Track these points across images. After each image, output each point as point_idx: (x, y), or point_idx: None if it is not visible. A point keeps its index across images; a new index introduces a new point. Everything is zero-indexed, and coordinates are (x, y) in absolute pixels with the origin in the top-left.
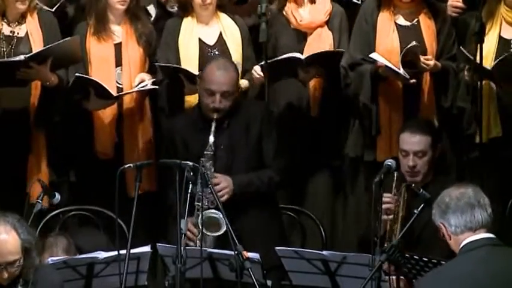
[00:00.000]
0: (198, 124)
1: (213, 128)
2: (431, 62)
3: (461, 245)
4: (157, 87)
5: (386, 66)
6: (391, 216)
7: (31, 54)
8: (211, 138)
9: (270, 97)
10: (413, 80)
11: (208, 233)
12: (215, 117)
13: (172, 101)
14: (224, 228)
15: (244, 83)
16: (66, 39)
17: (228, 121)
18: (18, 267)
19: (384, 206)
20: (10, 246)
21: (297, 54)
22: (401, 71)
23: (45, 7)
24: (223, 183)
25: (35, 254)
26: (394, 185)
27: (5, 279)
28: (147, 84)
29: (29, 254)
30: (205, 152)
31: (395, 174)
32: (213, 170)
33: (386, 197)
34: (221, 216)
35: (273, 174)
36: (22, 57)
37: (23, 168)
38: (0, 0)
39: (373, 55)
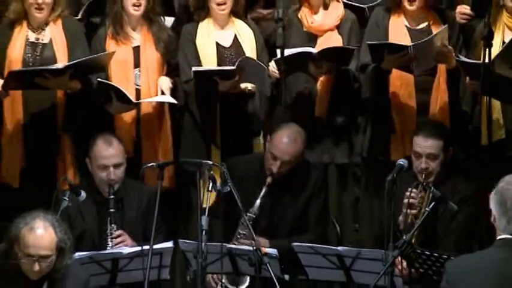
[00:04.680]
0: (255, 178)
1: (262, 193)
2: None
3: (498, 237)
4: (174, 101)
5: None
6: (414, 211)
7: (67, 64)
8: (258, 201)
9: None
10: None
11: (231, 287)
12: (269, 181)
13: (200, 101)
14: (246, 284)
15: (252, 85)
16: (101, 54)
17: (280, 185)
18: (50, 264)
19: (406, 201)
20: (46, 241)
21: (310, 49)
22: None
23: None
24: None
25: (67, 255)
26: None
27: (36, 272)
28: (166, 96)
29: (62, 253)
30: (248, 214)
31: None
32: (250, 230)
33: (411, 192)
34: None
35: (313, 239)
36: (60, 65)
37: (52, 169)
38: (22, 9)
39: (286, 51)
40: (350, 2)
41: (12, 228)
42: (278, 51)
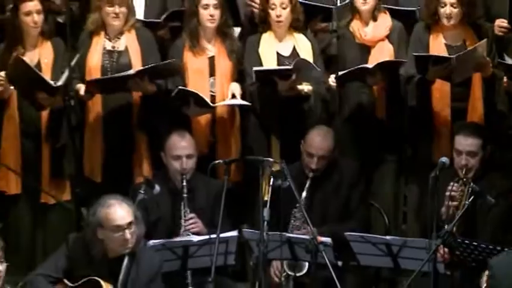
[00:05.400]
0: (297, 179)
1: (307, 185)
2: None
3: None
4: (246, 103)
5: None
6: (455, 203)
7: (140, 69)
8: (304, 194)
9: (341, 99)
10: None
11: (291, 273)
12: (311, 175)
13: (263, 102)
14: (305, 270)
15: (308, 88)
16: (169, 61)
17: (322, 180)
18: (134, 232)
19: (448, 194)
20: (125, 210)
21: (366, 65)
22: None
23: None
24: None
25: (140, 228)
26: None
27: (128, 240)
28: (238, 99)
29: (138, 223)
30: (297, 205)
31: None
32: (302, 220)
33: (453, 186)
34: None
35: (356, 226)
36: (132, 71)
37: (128, 165)
38: (100, 19)
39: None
40: (398, 8)
41: (90, 219)
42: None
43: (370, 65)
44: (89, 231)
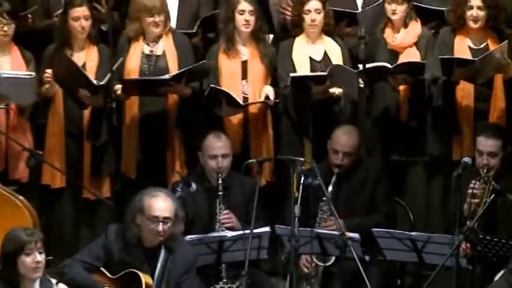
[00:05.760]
0: (324, 176)
1: (333, 180)
2: None
3: None
4: (276, 100)
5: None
6: (476, 200)
7: (174, 74)
8: (330, 188)
9: (369, 101)
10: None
11: (320, 263)
12: (336, 171)
13: (296, 103)
14: (332, 261)
15: (338, 90)
16: (201, 62)
17: (348, 176)
18: (169, 228)
19: (469, 192)
20: (167, 206)
21: (386, 64)
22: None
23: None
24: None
25: (180, 225)
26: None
27: (159, 232)
28: (269, 100)
29: (177, 222)
30: (323, 198)
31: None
32: (329, 213)
33: (475, 184)
34: None
35: (381, 219)
36: (167, 76)
37: (161, 163)
38: (140, 28)
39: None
40: (428, 6)
41: (133, 203)
42: (360, 66)
43: (390, 65)
44: (129, 215)
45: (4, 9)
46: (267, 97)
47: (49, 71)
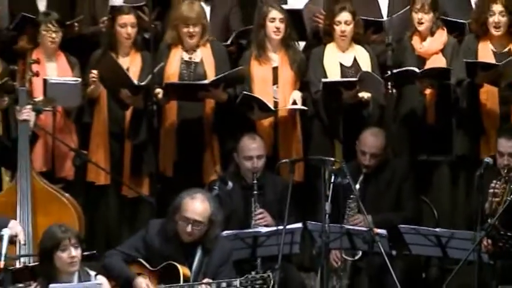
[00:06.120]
0: (353, 175)
1: (360, 179)
2: None
3: None
4: (305, 108)
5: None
6: (497, 199)
7: (213, 79)
8: (357, 186)
9: (396, 105)
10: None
11: (349, 258)
12: (364, 171)
13: (327, 107)
14: (359, 255)
15: (367, 95)
16: (237, 68)
17: (375, 176)
18: (200, 231)
19: (491, 191)
20: (201, 209)
21: (414, 68)
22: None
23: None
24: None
25: (217, 229)
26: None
27: (188, 233)
28: (298, 105)
29: (213, 226)
30: (351, 196)
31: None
32: (356, 210)
33: (496, 184)
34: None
35: (408, 215)
36: (206, 81)
37: (198, 164)
38: (177, 36)
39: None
40: (450, 19)
41: (176, 199)
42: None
43: (417, 69)
44: (170, 210)
45: (53, 18)
46: (294, 102)
47: (95, 71)
